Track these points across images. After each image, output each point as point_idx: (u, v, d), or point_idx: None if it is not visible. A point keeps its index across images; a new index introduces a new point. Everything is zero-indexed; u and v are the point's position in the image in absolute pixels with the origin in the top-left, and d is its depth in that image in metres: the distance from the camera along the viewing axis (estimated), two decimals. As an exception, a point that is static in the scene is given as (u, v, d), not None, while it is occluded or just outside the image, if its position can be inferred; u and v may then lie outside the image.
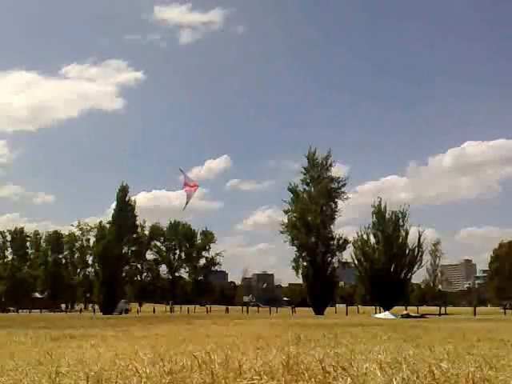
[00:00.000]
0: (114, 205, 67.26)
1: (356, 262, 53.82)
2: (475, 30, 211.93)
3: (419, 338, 10.14)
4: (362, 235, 53.33)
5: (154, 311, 72.98)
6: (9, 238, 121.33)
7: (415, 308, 58.61)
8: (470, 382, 3.84)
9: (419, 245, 52.67)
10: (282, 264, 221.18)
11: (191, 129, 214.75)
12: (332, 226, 56.66)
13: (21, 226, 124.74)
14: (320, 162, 56.47)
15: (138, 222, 73.54)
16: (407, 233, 52.84)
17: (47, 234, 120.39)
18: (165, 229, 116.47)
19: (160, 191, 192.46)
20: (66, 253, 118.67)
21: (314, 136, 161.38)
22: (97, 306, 72.83)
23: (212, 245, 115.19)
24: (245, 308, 75.49)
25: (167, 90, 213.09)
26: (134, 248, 74.54)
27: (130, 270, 77.40)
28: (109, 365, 4.97)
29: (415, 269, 53.29)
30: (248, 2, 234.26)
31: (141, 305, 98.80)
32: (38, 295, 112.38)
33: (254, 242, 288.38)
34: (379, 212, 53.25)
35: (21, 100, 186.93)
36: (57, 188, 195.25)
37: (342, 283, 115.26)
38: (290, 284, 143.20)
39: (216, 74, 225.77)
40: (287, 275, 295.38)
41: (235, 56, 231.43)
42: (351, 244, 54.47)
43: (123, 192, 65.79)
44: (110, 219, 66.72)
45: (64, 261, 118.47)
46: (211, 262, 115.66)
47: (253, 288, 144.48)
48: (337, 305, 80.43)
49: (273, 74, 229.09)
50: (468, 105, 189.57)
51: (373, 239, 53.08)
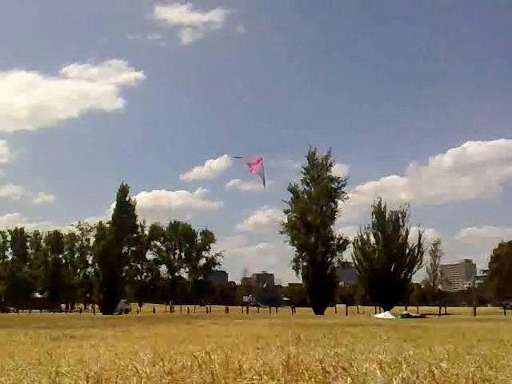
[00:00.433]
0: (114, 205, 67.42)
1: (356, 261, 53.86)
2: (475, 30, 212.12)
3: (419, 338, 10.13)
4: (362, 235, 53.39)
5: (154, 311, 72.97)
6: (9, 238, 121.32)
7: (415, 308, 58.78)
8: (469, 382, 3.83)
9: (419, 245, 52.73)
10: (282, 264, 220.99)
11: (191, 129, 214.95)
12: (332, 226, 56.74)
13: (21, 226, 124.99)
14: (320, 162, 56.52)
15: (137, 222, 73.64)
16: (407, 233, 52.89)
17: (47, 234, 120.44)
18: (165, 229, 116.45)
19: (160, 191, 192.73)
20: (66, 253, 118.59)
21: (315, 136, 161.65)
22: (97, 306, 72.85)
23: (212, 245, 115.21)
24: (245, 308, 75.51)
25: (167, 90, 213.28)
26: (134, 248, 74.61)
27: (130, 270, 77.38)
28: (109, 365, 4.97)
29: (415, 269, 53.38)
30: (249, 3, 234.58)
31: (141, 305, 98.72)
32: (38, 295, 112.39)
33: (254, 242, 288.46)
34: (379, 212, 53.28)
35: (21, 100, 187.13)
36: (57, 188, 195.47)
37: (341, 283, 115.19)
38: (290, 284, 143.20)
39: (216, 74, 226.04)
40: (287, 275, 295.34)
41: (236, 56, 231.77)
42: (351, 244, 54.59)
43: (123, 192, 65.86)
44: (110, 219, 66.79)
45: (64, 261, 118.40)
46: (211, 261, 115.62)
47: (253, 288, 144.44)
48: (337, 305, 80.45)
49: (273, 74, 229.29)
50: (468, 105, 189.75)
51: (373, 239, 53.15)
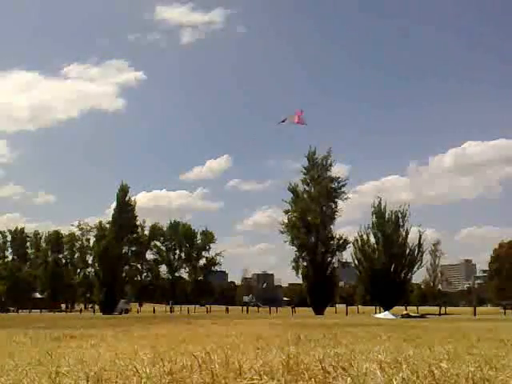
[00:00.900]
0: (114, 205, 67.47)
1: (356, 261, 53.86)
2: (476, 30, 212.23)
3: (419, 337, 10.13)
4: (362, 235, 53.39)
5: (154, 311, 72.94)
6: (9, 238, 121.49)
7: (415, 308, 58.72)
8: (469, 382, 3.83)
9: (419, 245, 52.73)
10: (282, 264, 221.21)
11: (192, 129, 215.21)
12: (332, 226, 56.86)
13: (21, 225, 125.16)
14: (320, 161, 56.58)
15: (138, 222, 73.68)
16: (407, 233, 52.88)
17: (47, 234, 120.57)
18: (165, 229, 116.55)
19: (160, 191, 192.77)
20: (66, 253, 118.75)
21: (315, 136, 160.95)
22: (97, 306, 72.89)
23: (212, 245, 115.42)
24: (245, 308, 75.55)
25: (168, 90, 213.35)
26: (134, 248, 74.64)
27: (130, 269, 77.42)
28: (109, 365, 4.96)
29: (415, 269, 53.39)
30: (249, 3, 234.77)
31: (141, 305, 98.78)
32: (38, 295, 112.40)
33: (254, 242, 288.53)
34: (379, 212, 53.27)
35: (21, 100, 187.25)
36: (57, 188, 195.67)
37: (342, 283, 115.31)
38: (289, 284, 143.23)
39: (217, 73, 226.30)
40: (287, 275, 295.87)
41: (236, 56, 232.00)
42: (351, 244, 54.61)
43: (123, 192, 65.89)
44: (110, 219, 66.82)
45: (64, 261, 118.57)
46: (211, 261, 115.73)
47: (253, 288, 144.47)
48: (337, 305, 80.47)
49: (273, 74, 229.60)
50: (468, 105, 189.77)
51: (373, 239, 53.14)
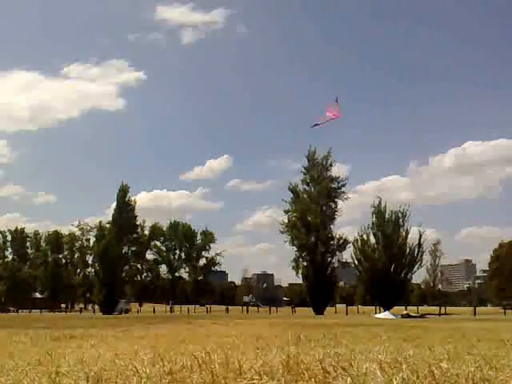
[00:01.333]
0: (114, 205, 67.49)
1: (356, 262, 53.91)
2: (476, 30, 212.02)
3: (419, 338, 10.14)
4: (362, 235, 53.43)
5: (154, 311, 72.92)
6: (9, 238, 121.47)
7: (415, 308, 58.71)
8: (469, 382, 3.83)
9: (419, 245, 52.77)
10: (282, 264, 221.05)
11: (192, 129, 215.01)
12: (332, 226, 56.90)
13: (21, 225, 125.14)
14: (320, 161, 56.60)
15: (138, 222, 73.70)
16: (407, 233, 52.92)
17: (47, 234, 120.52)
18: (165, 229, 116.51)
19: (161, 191, 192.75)
20: (66, 253, 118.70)
21: (315, 136, 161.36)
22: (97, 306, 72.88)
23: (212, 245, 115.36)
24: (245, 308, 75.53)
25: (168, 90, 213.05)
26: (134, 248, 74.78)
27: (130, 269, 77.56)
28: (109, 365, 4.97)
29: (415, 269, 53.46)
30: (250, 3, 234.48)
31: (141, 305, 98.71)
32: (38, 295, 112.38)
33: (254, 242, 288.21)
34: (379, 212, 53.31)
35: (22, 100, 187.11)
36: (57, 188, 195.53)
37: (341, 283, 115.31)
38: (289, 284, 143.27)
39: (217, 74, 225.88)
40: (287, 275, 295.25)
41: (237, 56, 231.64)
42: (351, 244, 54.64)
43: (123, 192, 65.92)
44: (110, 219, 66.84)
45: (64, 261, 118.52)
46: (211, 262, 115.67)
47: (253, 288, 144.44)
48: (337, 305, 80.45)
49: (274, 74, 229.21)
50: (469, 105, 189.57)
51: (373, 239, 53.19)
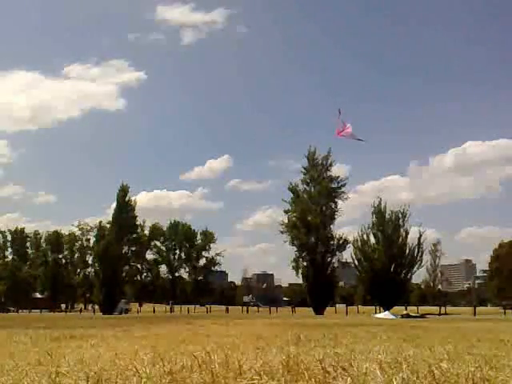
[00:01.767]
0: (114, 205, 67.47)
1: (356, 262, 53.93)
2: (476, 30, 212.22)
3: (419, 338, 10.13)
4: (362, 235, 53.46)
5: (154, 311, 72.91)
6: (9, 238, 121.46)
7: (415, 308, 58.75)
8: (469, 382, 3.84)
9: (419, 245, 52.79)
10: (282, 264, 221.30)
11: (192, 129, 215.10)
12: (332, 226, 56.86)
13: (21, 225, 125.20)
14: (320, 161, 56.60)
15: (138, 222, 73.64)
16: (407, 233, 52.96)
17: (47, 234, 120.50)
18: (165, 229, 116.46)
19: (161, 191, 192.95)
20: (66, 253, 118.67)
21: (315, 136, 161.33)
22: (97, 306, 72.88)
23: (212, 245, 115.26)
24: (245, 308, 75.53)
25: (169, 90, 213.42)
26: (134, 248, 74.53)
27: (130, 269, 77.32)
28: (109, 365, 4.97)
29: (415, 269, 53.49)
30: (250, 3, 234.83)
31: (141, 305, 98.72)
32: (38, 295, 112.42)
33: (254, 242, 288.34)
34: (379, 212, 53.33)
35: (22, 100, 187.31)
36: (57, 188, 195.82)
37: (341, 283, 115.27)
38: (290, 284, 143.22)
39: (218, 74, 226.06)
40: (287, 275, 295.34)
41: (237, 56, 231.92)
42: (351, 244, 54.64)
43: (123, 192, 65.91)
44: (110, 219, 66.83)
45: (64, 261, 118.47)
46: (211, 262, 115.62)
47: (253, 288, 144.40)
48: (337, 305, 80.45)
49: (274, 74, 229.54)
50: (469, 105, 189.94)
51: (373, 239, 53.22)
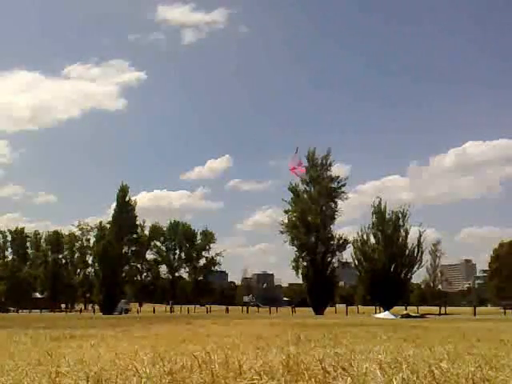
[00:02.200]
0: (114, 205, 67.47)
1: (356, 262, 53.94)
2: (477, 29, 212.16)
3: (419, 338, 10.13)
4: (362, 235, 53.47)
5: (154, 311, 72.92)
6: (9, 238, 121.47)
7: (415, 308, 58.74)
8: (469, 382, 3.84)
9: (419, 245, 52.81)
10: (282, 264, 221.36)
11: (193, 129, 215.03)
12: (332, 226, 56.88)
13: (21, 225, 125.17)
14: (320, 161, 56.59)
15: (137, 222, 73.68)
16: (407, 233, 52.99)
17: (47, 234, 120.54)
18: (165, 229, 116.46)
19: (161, 191, 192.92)
20: (66, 253, 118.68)
21: (316, 136, 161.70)
22: (97, 306, 72.89)
23: (212, 245, 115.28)
24: (245, 308, 75.51)
25: (169, 90, 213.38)
26: (134, 248, 74.62)
27: (130, 269, 77.38)
28: (109, 365, 4.97)
29: (415, 269, 53.52)
30: (251, 3, 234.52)
31: (141, 305, 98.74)
32: (38, 295, 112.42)
33: (254, 242, 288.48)
34: (379, 212, 53.34)
35: (23, 100, 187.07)
36: (58, 188, 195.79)
37: (341, 283, 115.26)
38: (290, 284, 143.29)
39: (218, 74, 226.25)
40: (287, 275, 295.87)
41: (237, 56, 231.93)
42: (351, 244, 54.65)
43: (123, 192, 65.92)
44: (110, 219, 66.82)
45: (64, 261, 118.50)
46: (211, 262, 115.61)
47: (253, 288, 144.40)
48: (337, 305, 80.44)
49: (275, 74, 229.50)
50: (469, 105, 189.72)
51: (373, 239, 53.23)
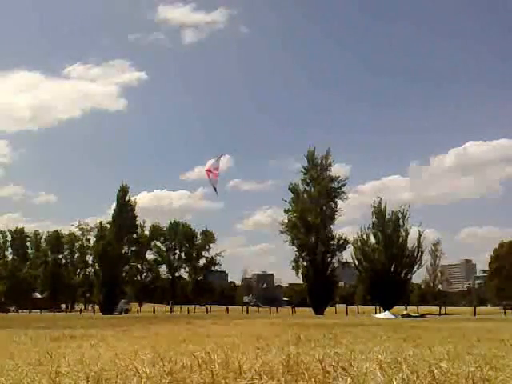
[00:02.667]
0: (114, 205, 67.44)
1: (356, 262, 53.92)
2: (477, 29, 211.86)
3: (419, 337, 10.14)
4: (362, 235, 53.45)
5: (154, 311, 72.90)
6: (9, 238, 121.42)
7: (415, 308, 58.71)
8: (469, 382, 3.84)
9: (419, 245, 52.79)
10: (282, 264, 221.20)
11: (193, 128, 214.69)
12: (332, 226, 56.79)
13: (21, 225, 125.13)
14: (320, 161, 56.54)
15: (137, 222, 73.63)
16: (407, 233, 52.94)
17: (47, 234, 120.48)
18: (165, 229, 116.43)
19: (162, 191, 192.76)
20: (66, 253, 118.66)
21: (316, 136, 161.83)
22: (97, 306, 72.86)
23: (212, 245, 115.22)
24: (245, 308, 75.48)
25: (169, 90, 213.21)
26: (134, 248, 74.62)
27: (130, 270, 77.37)
28: (109, 365, 4.97)
29: (415, 269, 53.49)
30: (252, 3, 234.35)
31: (141, 305, 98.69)
32: (38, 295, 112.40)
33: (254, 242, 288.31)
34: (379, 212, 53.33)
35: (23, 100, 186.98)
36: (58, 188, 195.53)
37: (341, 283, 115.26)
38: (290, 284, 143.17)
39: (219, 74, 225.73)
40: (287, 275, 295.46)
41: (238, 56, 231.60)
42: (351, 244, 54.61)
43: (123, 192, 65.87)
44: (110, 219, 66.80)
45: (64, 261, 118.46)
46: (211, 262, 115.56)
47: (253, 288, 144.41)
48: (337, 305, 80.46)
49: (275, 74, 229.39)
50: (469, 105, 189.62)
51: (373, 239, 53.19)
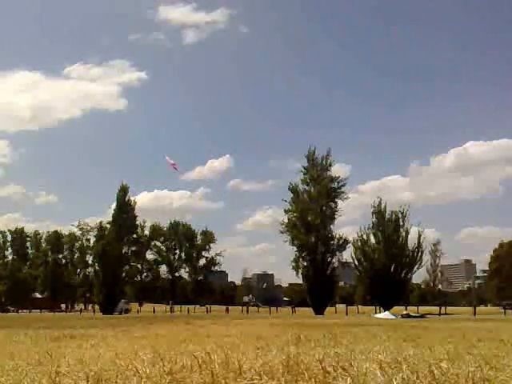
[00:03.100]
0: (114, 205, 67.43)
1: (356, 262, 53.90)
2: (477, 29, 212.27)
3: (419, 337, 10.13)
4: (362, 235, 53.42)
5: (154, 311, 72.89)
6: (9, 238, 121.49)
7: (415, 308, 58.64)
8: (469, 382, 3.84)
9: (419, 245, 52.77)
10: (282, 264, 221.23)
11: (193, 129, 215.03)
12: (332, 226, 56.78)
13: (21, 225, 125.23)
14: (320, 161, 56.55)
15: (137, 222, 73.63)
16: (407, 233, 52.91)
17: (47, 234, 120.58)
18: (165, 229, 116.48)
19: (162, 191, 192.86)
20: (66, 253, 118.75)
21: (316, 136, 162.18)
22: (97, 306, 72.84)
23: (212, 245, 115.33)
24: (245, 308, 75.47)
25: (170, 90, 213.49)
26: (134, 248, 74.72)
27: (130, 270, 77.40)
28: (109, 365, 4.97)
29: (415, 269, 53.46)
30: (252, 3, 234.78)
31: (141, 305, 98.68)
32: (38, 295, 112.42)
33: (254, 242, 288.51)
34: (379, 212, 53.32)
35: (24, 100, 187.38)
36: (58, 188, 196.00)
37: (341, 283, 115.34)
38: (290, 284, 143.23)
39: (219, 73, 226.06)
40: (287, 275, 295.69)
41: (238, 56, 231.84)
42: (351, 244, 54.60)
43: (123, 192, 65.85)
44: (110, 219, 66.79)
45: (64, 261, 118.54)
46: (211, 262, 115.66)
47: (253, 288, 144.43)
48: (337, 305, 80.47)
49: (275, 74, 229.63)
50: (470, 104, 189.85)
51: (373, 239, 53.17)
